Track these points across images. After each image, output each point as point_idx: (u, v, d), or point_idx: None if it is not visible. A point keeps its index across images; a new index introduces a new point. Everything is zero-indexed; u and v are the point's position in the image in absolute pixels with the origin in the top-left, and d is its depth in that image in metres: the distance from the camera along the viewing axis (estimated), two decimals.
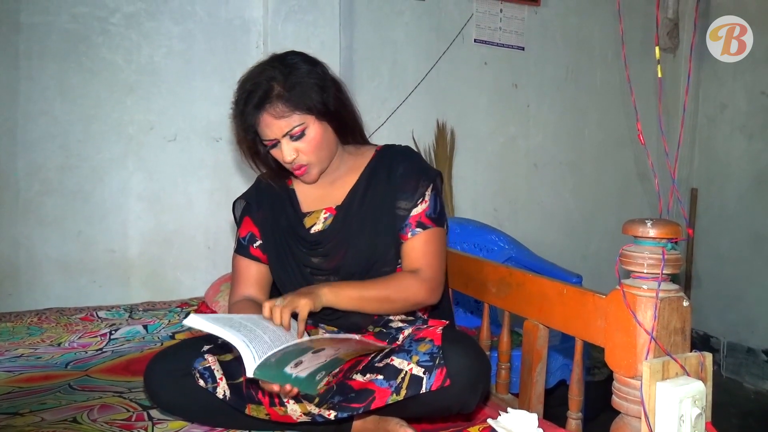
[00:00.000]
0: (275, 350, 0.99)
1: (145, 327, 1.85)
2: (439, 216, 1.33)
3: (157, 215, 2.24)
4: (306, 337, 1.02)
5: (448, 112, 2.70)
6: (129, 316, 1.95)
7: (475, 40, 2.76)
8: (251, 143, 1.31)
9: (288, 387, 1.07)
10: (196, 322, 1.03)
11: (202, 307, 2.04)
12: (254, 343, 1.02)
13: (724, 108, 3.16)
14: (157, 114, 2.22)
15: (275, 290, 1.44)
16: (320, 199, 1.38)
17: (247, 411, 1.18)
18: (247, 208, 1.43)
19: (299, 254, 1.34)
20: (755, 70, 2.97)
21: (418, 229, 1.30)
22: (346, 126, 1.34)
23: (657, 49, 1.08)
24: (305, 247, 1.34)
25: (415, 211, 1.31)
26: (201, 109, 2.28)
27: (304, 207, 1.39)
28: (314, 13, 2.28)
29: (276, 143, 1.26)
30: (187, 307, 2.05)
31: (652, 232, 0.97)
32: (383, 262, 1.32)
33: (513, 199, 2.95)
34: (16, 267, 2.08)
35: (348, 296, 1.21)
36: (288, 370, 1.05)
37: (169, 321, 1.91)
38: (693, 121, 3.28)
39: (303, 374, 1.09)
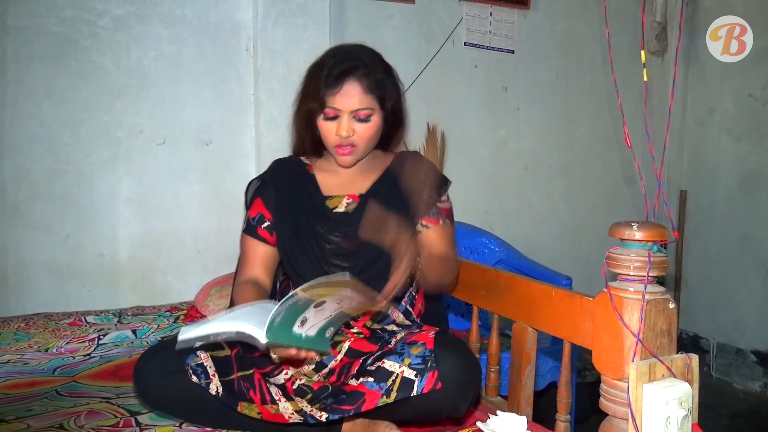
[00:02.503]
0: (275, 309, 0.99)
1: (134, 332, 1.84)
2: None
3: (146, 219, 2.23)
4: (297, 289, 1.01)
5: (438, 115, 2.69)
6: (118, 321, 1.94)
7: (465, 44, 2.77)
8: (318, 104, 1.30)
9: (303, 354, 1.08)
10: (188, 333, 1.03)
11: (192, 311, 2.03)
12: (250, 318, 1.02)
13: (713, 111, 3.18)
14: (146, 117, 2.21)
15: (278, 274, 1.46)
16: (342, 186, 1.41)
17: (239, 409, 1.17)
18: (261, 187, 1.44)
19: (320, 230, 1.36)
20: (743, 73, 2.99)
21: (447, 220, 1.42)
22: (393, 133, 1.43)
23: (643, 52, 1.09)
24: (327, 225, 1.36)
25: (444, 205, 1.42)
26: (190, 113, 2.27)
27: (325, 191, 1.41)
28: (304, 16, 2.28)
29: (336, 116, 1.30)
30: (177, 311, 2.04)
31: (638, 235, 0.98)
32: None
33: (504, 202, 2.96)
34: (4, 272, 2.06)
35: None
36: (296, 330, 1.04)
37: (158, 325, 1.90)
38: (682, 123, 3.31)
39: (312, 332, 1.08)
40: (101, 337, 1.79)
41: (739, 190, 3.06)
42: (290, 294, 1.00)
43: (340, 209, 1.38)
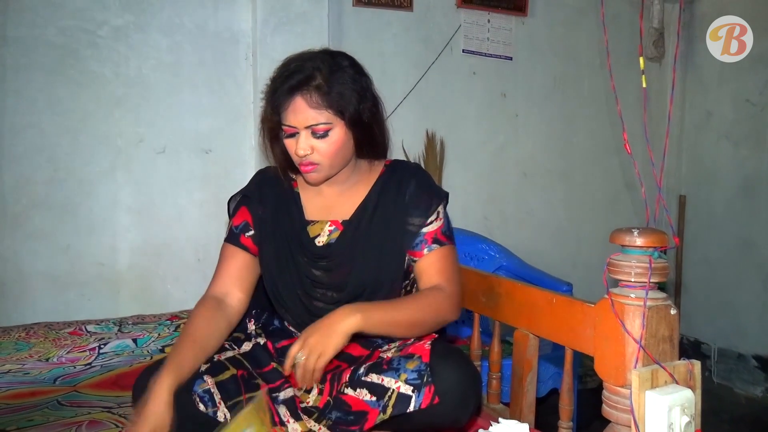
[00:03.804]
0: None
1: (135, 341, 1.83)
2: (452, 234, 1.34)
3: (146, 228, 2.23)
4: None
5: (437, 122, 2.71)
6: (118, 330, 1.93)
7: (463, 51, 2.78)
8: (275, 125, 1.26)
9: None
10: None
11: None
12: None
13: (710, 116, 3.19)
14: (145, 126, 2.22)
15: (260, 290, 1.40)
16: (326, 210, 1.34)
17: None
18: (245, 200, 1.38)
19: (301, 264, 1.31)
20: (740, 78, 3.01)
21: (434, 246, 1.29)
22: (370, 141, 1.31)
23: (641, 59, 1.10)
24: (308, 258, 1.31)
25: (429, 228, 1.30)
26: (190, 121, 2.28)
27: (308, 215, 1.35)
28: (303, 24, 2.29)
29: (294, 133, 1.22)
30: (177, 320, 2.04)
31: (639, 241, 0.98)
32: (390, 279, 1.29)
33: (503, 208, 2.96)
34: (4, 281, 2.06)
35: (379, 323, 1.17)
36: None
37: (159, 334, 1.89)
38: (680, 128, 3.31)
39: None
40: (102, 346, 1.78)
41: (738, 195, 3.06)
42: None
43: (322, 239, 1.31)
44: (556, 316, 1.20)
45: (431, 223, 1.31)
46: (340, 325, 1.14)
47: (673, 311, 0.99)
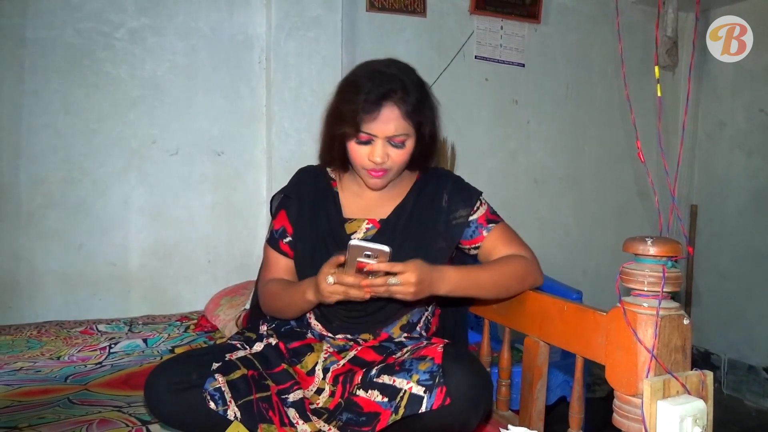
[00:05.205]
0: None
1: (145, 341, 1.85)
2: (499, 215, 1.42)
3: (158, 229, 2.25)
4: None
5: (448, 128, 2.71)
6: (129, 330, 1.95)
7: (475, 57, 2.78)
8: (354, 129, 1.24)
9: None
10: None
11: (202, 320, 2.03)
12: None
13: (723, 125, 3.18)
14: (159, 128, 2.24)
15: None
16: (364, 209, 1.38)
17: (259, 431, 1.16)
18: (284, 201, 1.42)
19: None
20: (753, 88, 2.99)
21: (491, 225, 1.37)
22: (426, 155, 1.36)
23: (656, 69, 1.10)
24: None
25: (478, 215, 1.38)
26: (203, 124, 2.30)
27: (346, 213, 1.38)
28: (316, 29, 2.30)
29: (370, 140, 1.25)
30: (187, 320, 2.05)
31: (653, 250, 0.97)
32: None
33: (513, 215, 2.93)
34: (17, 280, 2.08)
35: (468, 286, 1.24)
36: None
37: (169, 335, 1.91)
38: (692, 138, 3.30)
39: None
40: (112, 345, 1.80)
41: (750, 205, 3.04)
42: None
43: (359, 235, 1.35)
44: (567, 323, 1.20)
45: (477, 210, 1.38)
46: (438, 286, 1.19)
47: (686, 321, 0.99)
